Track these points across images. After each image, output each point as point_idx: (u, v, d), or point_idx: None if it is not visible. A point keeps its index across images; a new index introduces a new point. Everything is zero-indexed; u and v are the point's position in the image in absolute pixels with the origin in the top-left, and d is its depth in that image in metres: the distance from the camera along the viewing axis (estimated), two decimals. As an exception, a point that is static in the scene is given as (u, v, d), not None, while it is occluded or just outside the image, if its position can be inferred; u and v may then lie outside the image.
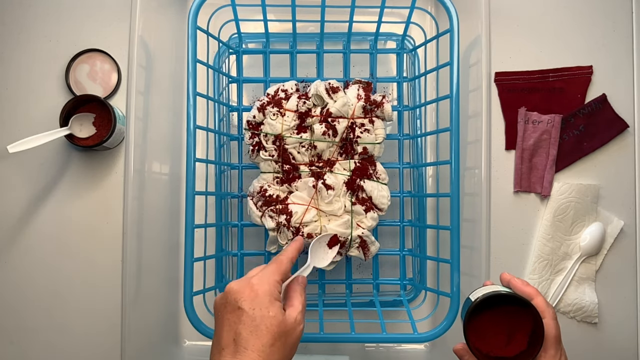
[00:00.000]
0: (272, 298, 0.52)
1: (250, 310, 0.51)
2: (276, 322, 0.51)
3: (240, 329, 0.50)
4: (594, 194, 0.85)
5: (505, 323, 0.56)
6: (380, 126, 0.76)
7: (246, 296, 0.51)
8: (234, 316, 0.51)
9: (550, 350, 0.53)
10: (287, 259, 0.58)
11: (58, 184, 0.84)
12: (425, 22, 0.82)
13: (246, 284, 0.52)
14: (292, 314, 0.53)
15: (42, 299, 0.82)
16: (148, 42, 0.70)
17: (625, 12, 0.87)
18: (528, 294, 0.54)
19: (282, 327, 0.51)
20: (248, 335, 0.50)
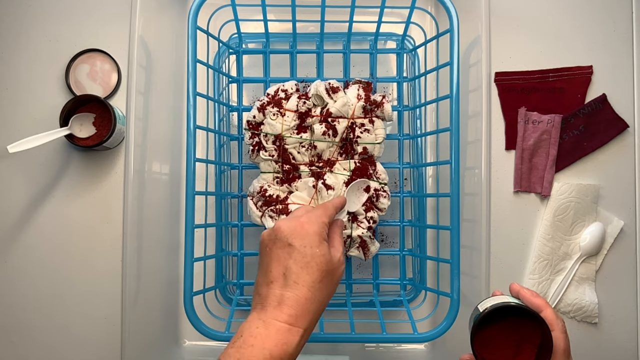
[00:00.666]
0: (321, 238, 0.54)
1: (302, 247, 0.52)
2: (325, 260, 0.53)
3: (291, 264, 0.52)
4: (594, 194, 0.85)
5: (513, 335, 0.55)
6: (380, 126, 0.76)
7: (297, 234, 0.53)
8: (284, 252, 0.53)
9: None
10: (333, 206, 0.60)
11: (58, 184, 0.84)
12: (425, 22, 0.82)
13: (297, 223, 0.54)
14: (336, 254, 0.55)
15: (42, 298, 0.82)
16: (148, 42, 0.70)
17: (625, 12, 0.87)
18: (537, 306, 0.54)
19: (329, 266, 0.53)
20: (299, 270, 0.52)
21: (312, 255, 0.52)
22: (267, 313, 0.50)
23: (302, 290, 0.51)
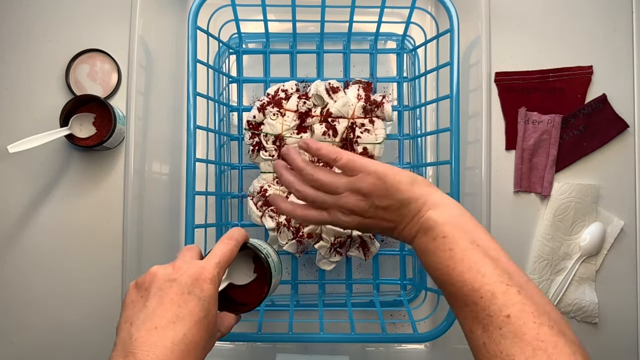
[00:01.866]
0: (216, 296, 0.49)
1: (202, 299, 0.47)
2: (214, 323, 0.49)
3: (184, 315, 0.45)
4: (594, 194, 0.85)
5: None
6: (380, 126, 0.76)
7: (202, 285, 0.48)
8: (179, 297, 0.46)
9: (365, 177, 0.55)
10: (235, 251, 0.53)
11: (58, 184, 0.84)
12: (425, 22, 0.82)
13: (202, 271, 0.48)
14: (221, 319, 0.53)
15: (42, 299, 0.82)
16: (148, 42, 0.70)
17: (625, 12, 0.87)
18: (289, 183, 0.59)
19: (214, 330, 0.49)
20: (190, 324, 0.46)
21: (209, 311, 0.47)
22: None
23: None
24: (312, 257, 0.79)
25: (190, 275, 0.47)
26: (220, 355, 0.81)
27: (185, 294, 0.46)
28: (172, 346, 0.43)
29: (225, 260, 0.51)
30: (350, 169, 0.56)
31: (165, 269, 0.49)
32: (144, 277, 0.49)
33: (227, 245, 0.52)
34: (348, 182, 0.56)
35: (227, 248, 0.52)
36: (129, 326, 0.46)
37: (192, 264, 0.49)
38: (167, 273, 0.48)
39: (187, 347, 0.44)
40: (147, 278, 0.48)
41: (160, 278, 0.48)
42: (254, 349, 0.82)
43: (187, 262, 0.49)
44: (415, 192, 0.54)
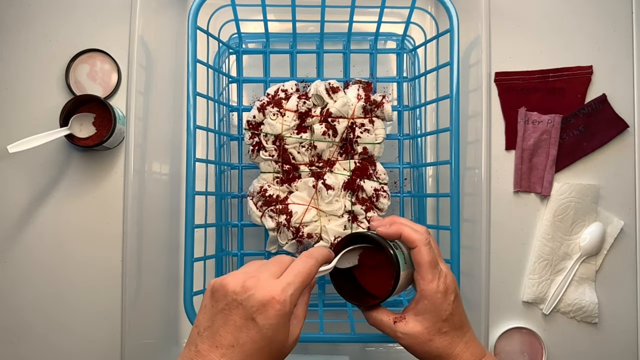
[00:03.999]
0: (287, 319, 0.47)
1: (264, 328, 0.45)
2: (281, 346, 0.47)
3: (244, 341, 0.45)
4: (594, 194, 0.85)
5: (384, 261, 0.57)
6: (380, 126, 0.76)
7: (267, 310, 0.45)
8: (243, 322, 0.45)
9: (426, 276, 0.53)
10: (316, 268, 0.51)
11: (58, 184, 0.84)
12: (425, 22, 0.82)
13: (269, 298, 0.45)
14: (295, 332, 0.49)
15: (42, 298, 0.82)
16: (148, 42, 0.70)
17: (625, 12, 0.87)
18: (393, 233, 0.55)
19: (282, 351, 0.48)
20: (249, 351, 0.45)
21: (272, 339, 0.45)
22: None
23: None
24: (312, 257, 0.79)
25: (258, 300, 0.45)
26: (220, 355, 0.81)
27: (250, 320, 0.45)
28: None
29: (301, 281, 0.48)
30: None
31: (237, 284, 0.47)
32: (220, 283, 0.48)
33: (306, 264, 0.49)
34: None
35: (305, 267, 0.49)
36: (196, 335, 0.47)
37: (265, 286, 0.46)
38: (237, 292, 0.46)
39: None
40: (221, 288, 0.47)
41: (230, 295, 0.46)
42: (254, 349, 0.82)
43: (260, 282, 0.46)
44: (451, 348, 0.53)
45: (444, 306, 0.53)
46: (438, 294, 0.52)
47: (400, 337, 0.54)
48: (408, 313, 0.54)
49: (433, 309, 0.53)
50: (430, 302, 0.53)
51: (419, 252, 0.53)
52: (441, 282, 0.53)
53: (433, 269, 0.53)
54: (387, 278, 0.56)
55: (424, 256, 0.53)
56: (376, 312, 0.56)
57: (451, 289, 0.54)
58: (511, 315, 0.84)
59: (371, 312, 0.56)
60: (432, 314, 0.53)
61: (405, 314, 0.54)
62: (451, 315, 0.53)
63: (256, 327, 0.45)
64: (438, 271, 0.54)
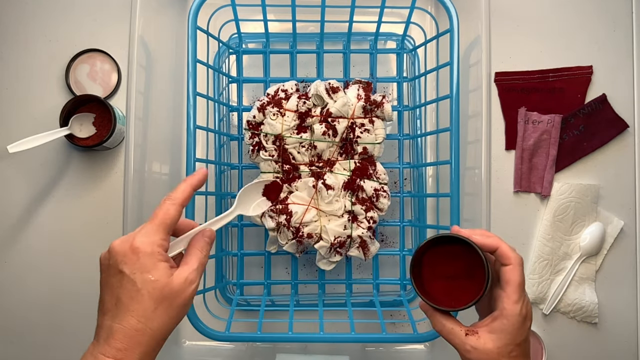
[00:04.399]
0: (154, 260, 0.49)
1: (131, 274, 0.48)
2: (159, 285, 0.48)
3: (121, 294, 0.48)
4: (594, 194, 0.85)
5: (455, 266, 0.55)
6: (380, 126, 0.76)
7: (127, 259, 0.48)
8: (115, 280, 0.49)
9: (513, 296, 0.52)
10: (175, 208, 0.52)
11: (58, 184, 0.84)
12: (425, 22, 0.82)
13: (128, 246, 0.49)
14: (182, 273, 0.50)
15: (42, 299, 0.82)
16: (148, 42, 0.70)
17: (625, 12, 0.87)
18: (491, 245, 0.54)
19: (165, 291, 0.48)
20: (128, 300, 0.48)
21: (143, 281, 0.48)
22: (98, 347, 0.48)
23: (131, 322, 0.47)
24: (312, 257, 0.79)
25: (119, 253, 0.49)
26: (220, 355, 0.82)
27: (119, 274, 0.49)
28: None
29: (156, 224, 0.50)
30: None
31: (104, 253, 0.51)
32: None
33: (161, 207, 0.52)
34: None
35: (159, 211, 0.51)
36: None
37: (123, 241, 0.50)
38: (105, 257, 0.51)
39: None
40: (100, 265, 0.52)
41: (102, 265, 0.51)
42: (254, 349, 0.82)
43: (118, 240, 0.50)
44: None
45: (521, 330, 0.52)
46: (519, 316, 0.52)
47: (469, 350, 0.52)
48: (481, 328, 0.53)
49: (510, 331, 0.52)
50: (509, 322, 0.52)
51: (512, 271, 0.52)
52: (524, 305, 0.53)
53: (521, 291, 0.53)
54: (462, 288, 0.55)
55: (517, 276, 0.52)
56: (446, 319, 0.54)
57: (530, 315, 0.54)
58: (511, 315, 0.84)
59: (440, 318, 0.55)
60: (507, 335, 0.52)
61: (478, 328, 0.53)
62: (524, 342, 0.53)
63: (125, 277, 0.48)
64: (524, 294, 0.53)
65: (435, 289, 0.55)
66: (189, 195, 0.54)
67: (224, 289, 0.80)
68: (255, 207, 0.63)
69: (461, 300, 0.54)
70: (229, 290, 0.82)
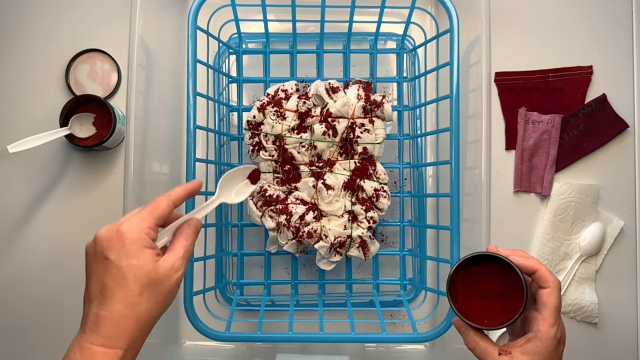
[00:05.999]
0: (140, 246, 0.49)
1: (117, 260, 0.48)
2: (144, 271, 0.49)
3: (106, 280, 0.49)
4: (594, 194, 0.85)
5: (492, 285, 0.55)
6: (380, 126, 0.76)
7: (113, 245, 0.49)
8: (101, 266, 0.49)
9: (549, 319, 0.52)
10: (167, 201, 0.53)
11: (58, 184, 0.84)
12: (425, 22, 0.82)
13: (114, 232, 0.49)
14: (168, 260, 0.50)
15: (42, 299, 0.82)
16: (148, 42, 0.70)
17: (625, 12, 0.87)
18: (530, 266, 0.54)
19: (151, 276, 0.49)
20: (114, 285, 0.48)
21: (128, 266, 0.48)
22: (84, 336, 0.48)
23: (118, 307, 0.48)
24: (312, 257, 0.79)
25: (104, 240, 0.50)
26: (220, 355, 0.82)
27: (104, 260, 0.50)
28: None
29: (145, 214, 0.51)
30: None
31: (90, 242, 0.53)
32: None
33: (154, 201, 0.53)
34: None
35: (152, 203, 0.52)
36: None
37: (108, 229, 0.51)
38: (90, 245, 0.53)
39: None
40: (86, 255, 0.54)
41: (88, 254, 0.53)
42: (254, 349, 0.82)
43: (103, 229, 0.51)
44: None
45: (554, 354, 0.53)
46: (554, 340, 0.52)
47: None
48: (514, 349, 0.53)
49: (544, 353, 0.52)
50: (543, 345, 0.52)
51: (551, 294, 0.53)
52: (559, 329, 0.53)
53: (558, 314, 0.53)
54: (495, 307, 0.55)
55: (555, 299, 0.53)
56: (480, 337, 0.54)
57: (564, 340, 0.54)
58: (511, 315, 0.84)
59: (474, 336, 0.55)
60: (540, 357, 0.52)
61: (511, 349, 0.53)
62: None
63: (110, 263, 0.48)
64: (560, 318, 0.53)
65: (468, 307, 0.55)
66: (182, 198, 0.54)
67: (224, 289, 0.80)
68: (237, 193, 0.63)
69: (494, 318, 0.54)
70: (229, 290, 0.82)
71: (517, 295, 0.53)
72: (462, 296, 0.55)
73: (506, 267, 0.54)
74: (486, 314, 0.55)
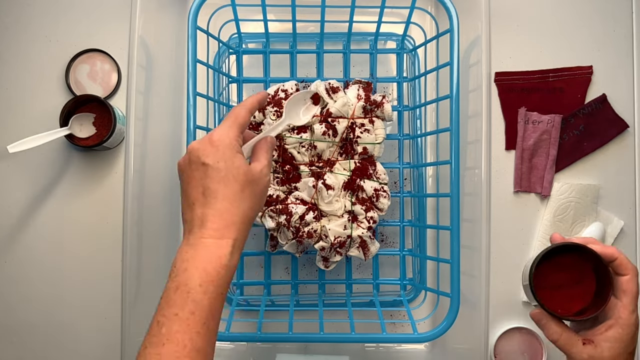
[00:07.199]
0: (233, 151, 0.52)
1: (215, 163, 0.51)
2: (242, 171, 0.52)
3: (208, 183, 0.51)
4: (594, 194, 0.85)
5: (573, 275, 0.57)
6: (380, 126, 0.76)
7: (208, 152, 0.52)
8: (200, 172, 0.52)
9: (629, 306, 0.53)
10: (245, 110, 0.56)
11: (58, 184, 0.84)
12: (425, 22, 0.82)
13: (207, 141, 0.53)
14: (257, 166, 0.54)
15: (42, 298, 0.82)
16: (148, 42, 0.70)
17: (625, 12, 0.87)
18: (610, 254, 0.54)
19: (248, 176, 0.52)
20: (216, 186, 0.51)
21: (227, 168, 0.51)
22: (193, 235, 0.50)
23: (223, 204, 0.51)
24: (312, 257, 0.79)
25: (198, 149, 0.53)
26: (220, 355, 0.81)
27: (201, 166, 0.52)
28: None
29: (230, 122, 0.54)
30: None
31: (184, 157, 0.56)
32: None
33: (234, 109, 0.56)
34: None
35: (232, 112, 0.56)
36: (183, 222, 0.55)
37: (198, 141, 0.54)
38: (184, 160, 0.55)
39: None
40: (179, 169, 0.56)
41: (182, 168, 0.55)
42: (254, 349, 0.82)
43: (196, 141, 0.54)
44: None
45: (633, 340, 0.54)
46: (634, 326, 0.53)
47: (585, 359, 0.54)
48: (595, 337, 0.54)
49: (625, 340, 0.53)
50: (625, 332, 0.53)
51: (630, 281, 0.53)
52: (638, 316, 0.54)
53: (637, 301, 0.54)
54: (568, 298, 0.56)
55: (634, 286, 0.53)
56: (562, 328, 0.55)
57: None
58: (511, 315, 0.84)
59: (556, 327, 0.55)
60: (622, 344, 0.53)
61: (593, 337, 0.54)
62: (634, 351, 0.54)
63: (209, 167, 0.51)
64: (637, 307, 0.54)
65: (544, 299, 0.56)
66: (255, 106, 0.58)
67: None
68: (304, 114, 0.69)
69: (568, 309, 0.56)
70: (229, 290, 0.82)
71: (589, 284, 0.56)
72: (538, 288, 0.56)
73: (578, 257, 0.55)
74: (560, 304, 0.56)
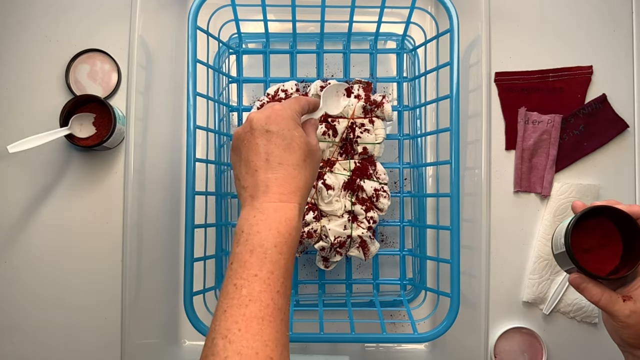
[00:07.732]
0: (295, 122, 0.54)
1: (280, 131, 0.52)
2: (304, 140, 0.53)
3: (272, 149, 0.51)
4: (594, 194, 0.85)
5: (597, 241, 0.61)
6: (380, 126, 0.76)
7: (273, 119, 0.52)
8: (263, 139, 0.52)
9: None
10: (306, 99, 0.59)
11: (58, 184, 0.84)
12: (425, 22, 0.82)
13: (270, 111, 0.53)
14: (312, 140, 0.56)
15: (42, 299, 0.82)
16: (148, 42, 0.70)
17: (625, 12, 0.87)
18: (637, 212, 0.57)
19: (309, 146, 0.54)
20: (281, 153, 0.51)
21: (292, 136, 0.52)
22: (258, 200, 0.50)
23: (287, 169, 0.51)
24: (312, 257, 0.79)
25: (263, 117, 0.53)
26: (220, 355, 0.81)
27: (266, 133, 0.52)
28: None
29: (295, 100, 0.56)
30: None
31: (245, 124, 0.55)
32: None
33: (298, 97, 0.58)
34: None
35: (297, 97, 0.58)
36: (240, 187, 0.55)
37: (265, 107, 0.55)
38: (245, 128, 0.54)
39: None
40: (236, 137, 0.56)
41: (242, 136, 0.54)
42: (254, 349, 0.82)
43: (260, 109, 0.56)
44: None
45: None
46: None
47: (628, 314, 0.56)
48: (633, 293, 0.57)
49: None
50: None
51: None
52: None
53: None
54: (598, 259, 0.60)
55: None
56: (602, 289, 0.58)
57: None
58: (511, 315, 0.84)
59: (597, 289, 0.58)
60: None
61: (630, 294, 0.57)
62: None
63: (273, 134, 0.52)
64: None
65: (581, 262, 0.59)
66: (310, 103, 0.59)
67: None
68: (337, 105, 0.69)
69: (602, 270, 0.59)
70: (229, 290, 0.82)
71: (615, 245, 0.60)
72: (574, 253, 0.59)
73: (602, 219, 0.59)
74: (593, 267, 0.59)
